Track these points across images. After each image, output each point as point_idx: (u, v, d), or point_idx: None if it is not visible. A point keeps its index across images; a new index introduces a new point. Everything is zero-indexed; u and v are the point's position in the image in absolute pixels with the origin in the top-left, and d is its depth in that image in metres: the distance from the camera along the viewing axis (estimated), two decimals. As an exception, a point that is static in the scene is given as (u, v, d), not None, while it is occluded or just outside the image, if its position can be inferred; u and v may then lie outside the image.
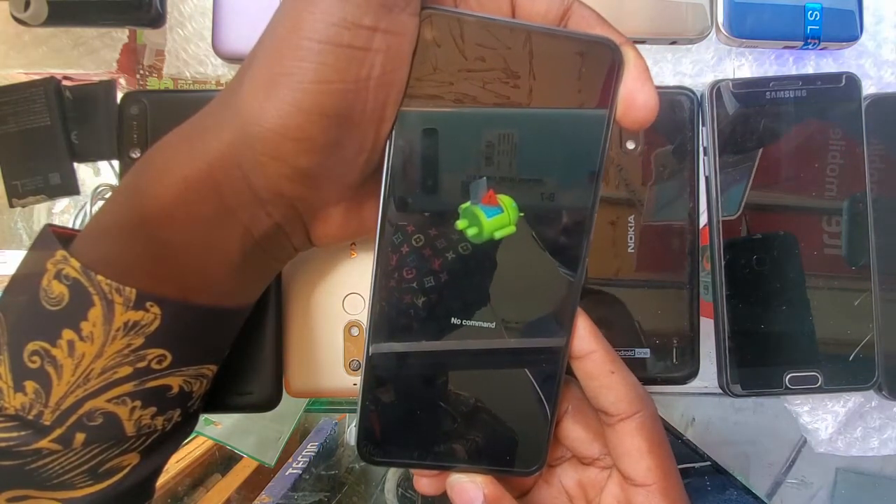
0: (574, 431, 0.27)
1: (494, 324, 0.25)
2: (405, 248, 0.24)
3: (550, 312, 0.25)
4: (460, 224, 0.24)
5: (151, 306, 0.22)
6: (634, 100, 0.23)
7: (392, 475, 0.58)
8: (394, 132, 0.23)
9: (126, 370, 0.23)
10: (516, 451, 0.25)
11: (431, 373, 0.25)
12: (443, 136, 0.23)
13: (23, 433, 0.22)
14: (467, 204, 0.24)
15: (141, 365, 0.23)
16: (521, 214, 0.24)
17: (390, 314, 0.24)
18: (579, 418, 0.26)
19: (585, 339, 0.25)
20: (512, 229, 0.24)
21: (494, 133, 0.23)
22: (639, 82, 0.23)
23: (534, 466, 0.26)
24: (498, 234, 0.24)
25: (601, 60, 0.23)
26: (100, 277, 0.22)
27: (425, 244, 0.24)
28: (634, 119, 0.23)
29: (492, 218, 0.24)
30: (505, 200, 0.24)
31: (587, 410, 0.27)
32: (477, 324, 0.24)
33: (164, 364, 0.23)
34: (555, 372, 0.25)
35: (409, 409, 0.25)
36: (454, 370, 0.25)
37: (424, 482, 0.27)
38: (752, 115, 0.36)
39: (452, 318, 0.24)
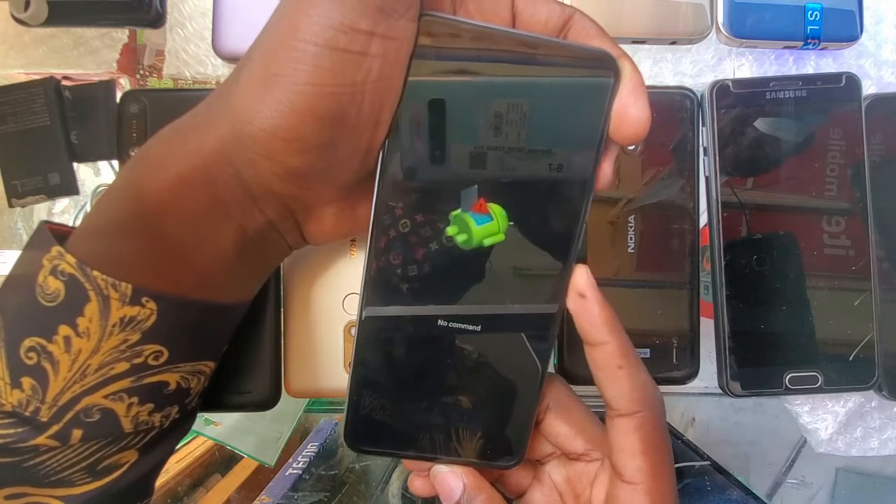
0: (557, 427, 0.27)
1: (480, 325, 0.25)
2: (392, 232, 0.24)
3: (534, 313, 0.25)
4: (450, 230, 0.24)
5: (147, 302, 0.22)
6: (627, 114, 0.23)
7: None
8: (388, 139, 0.23)
9: (123, 366, 0.23)
10: (497, 445, 0.26)
11: (418, 367, 0.25)
12: (439, 136, 0.23)
13: (20, 430, 0.22)
14: (458, 211, 0.24)
15: (137, 361, 0.23)
16: (511, 223, 0.24)
17: (382, 283, 0.25)
18: (561, 414, 0.27)
19: (600, 328, 0.24)
20: (501, 237, 0.24)
21: (491, 129, 0.23)
22: (632, 97, 0.23)
23: (513, 460, 0.26)
24: (487, 242, 0.24)
25: (597, 73, 0.23)
26: (95, 273, 0.22)
27: (416, 240, 0.24)
28: (626, 134, 0.23)
29: (481, 226, 0.24)
30: (495, 209, 0.24)
31: (570, 406, 0.27)
32: (461, 325, 0.25)
33: (161, 360, 0.23)
34: (537, 369, 0.25)
35: (396, 401, 0.26)
36: (439, 367, 0.25)
37: (418, 483, 0.27)
38: (752, 115, 0.36)
39: (439, 321, 0.25)
